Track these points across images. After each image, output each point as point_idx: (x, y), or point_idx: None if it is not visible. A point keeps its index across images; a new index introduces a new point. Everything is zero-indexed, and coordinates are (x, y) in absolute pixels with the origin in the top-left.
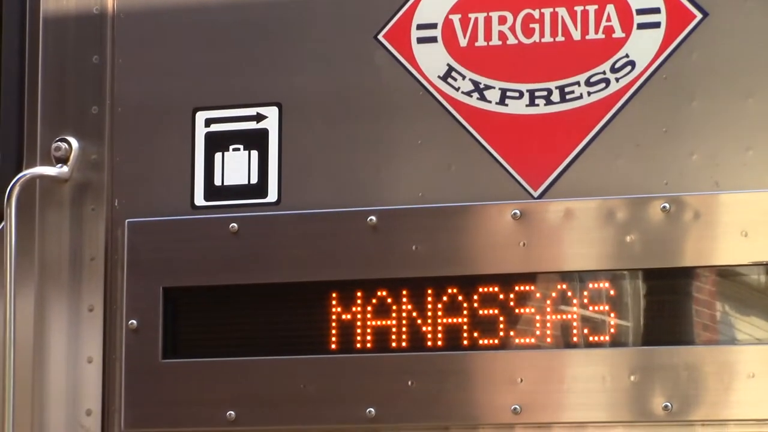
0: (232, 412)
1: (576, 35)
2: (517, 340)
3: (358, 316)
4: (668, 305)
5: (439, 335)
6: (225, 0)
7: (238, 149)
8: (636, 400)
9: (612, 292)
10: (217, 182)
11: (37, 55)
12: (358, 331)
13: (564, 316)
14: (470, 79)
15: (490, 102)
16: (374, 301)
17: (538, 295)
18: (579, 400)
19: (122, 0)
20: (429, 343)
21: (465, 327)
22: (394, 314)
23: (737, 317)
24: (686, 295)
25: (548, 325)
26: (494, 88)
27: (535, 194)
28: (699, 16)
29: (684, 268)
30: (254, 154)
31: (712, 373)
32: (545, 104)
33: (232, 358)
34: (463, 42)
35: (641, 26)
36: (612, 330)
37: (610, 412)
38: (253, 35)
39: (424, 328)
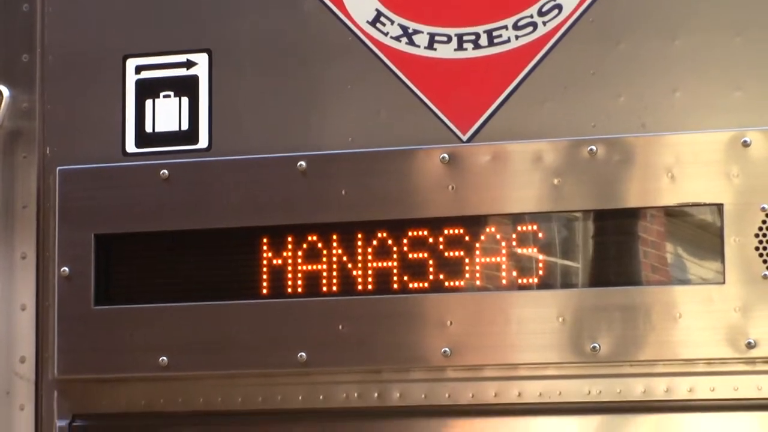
0: (164, 358)
1: None
2: (446, 284)
3: (289, 261)
4: (596, 247)
5: (369, 279)
6: None
7: (169, 96)
8: (565, 341)
9: (540, 235)
10: (148, 129)
11: None
12: (289, 276)
13: (493, 259)
14: (399, 24)
15: (418, 47)
16: (304, 245)
17: (467, 238)
18: (509, 342)
19: None
20: (359, 288)
21: (395, 271)
22: (324, 259)
23: (664, 259)
24: (613, 238)
25: (477, 268)
26: (422, 32)
27: (464, 138)
28: None
29: (611, 210)
30: (185, 100)
31: (640, 314)
32: (473, 48)
33: (164, 304)
34: None
35: None
36: (540, 272)
37: (539, 353)
38: None
39: (354, 273)
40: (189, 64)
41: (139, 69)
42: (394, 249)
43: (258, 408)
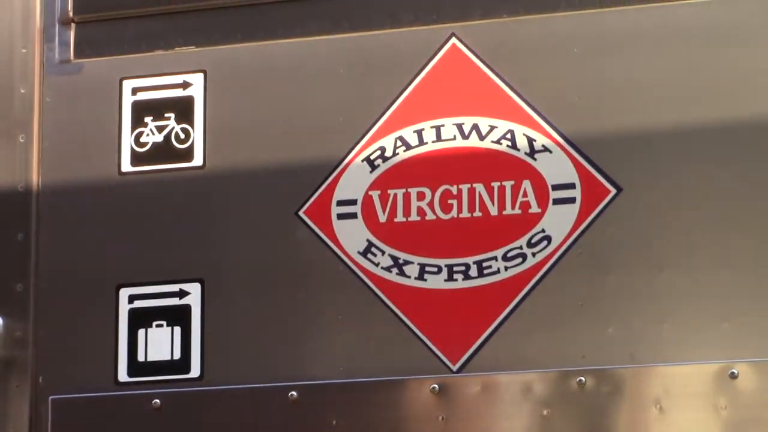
0: None
1: (493, 210)
2: None
3: None
4: None
5: None
6: (146, 177)
7: (161, 325)
8: None
9: None
10: (141, 358)
11: None
12: None
13: None
14: (389, 255)
15: (409, 277)
16: None
17: None
18: None
19: (47, 178)
20: None
21: None
22: None
23: None
24: None
25: None
26: (413, 263)
27: (454, 368)
28: (613, 191)
29: None
30: (177, 330)
31: None
32: (463, 279)
33: None
34: (382, 218)
35: (557, 201)
36: None
37: None
38: (175, 212)
39: None
40: (182, 294)
41: (132, 298)
42: None
43: None
